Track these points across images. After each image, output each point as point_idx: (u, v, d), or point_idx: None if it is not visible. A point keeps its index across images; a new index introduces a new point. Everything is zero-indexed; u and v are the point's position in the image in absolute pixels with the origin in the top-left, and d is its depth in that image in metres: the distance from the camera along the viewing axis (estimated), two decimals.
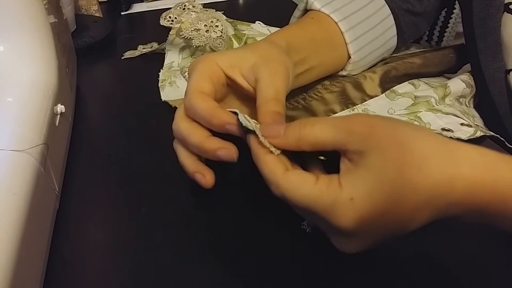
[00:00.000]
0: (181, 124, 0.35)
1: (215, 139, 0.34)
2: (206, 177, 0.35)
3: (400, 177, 0.26)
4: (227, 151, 0.33)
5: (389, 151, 0.27)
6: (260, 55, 0.37)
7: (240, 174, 0.32)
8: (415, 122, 0.44)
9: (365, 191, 0.27)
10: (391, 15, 0.51)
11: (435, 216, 0.28)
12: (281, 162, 0.30)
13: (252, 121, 0.32)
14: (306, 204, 0.28)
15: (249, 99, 0.37)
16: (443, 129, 0.43)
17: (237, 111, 0.32)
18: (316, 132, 0.29)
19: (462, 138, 0.42)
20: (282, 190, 0.29)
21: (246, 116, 0.32)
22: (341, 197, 0.27)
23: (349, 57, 0.48)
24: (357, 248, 0.29)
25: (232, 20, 0.71)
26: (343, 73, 0.50)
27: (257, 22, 0.71)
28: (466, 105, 0.51)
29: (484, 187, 0.27)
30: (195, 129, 0.34)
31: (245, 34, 0.67)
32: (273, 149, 0.30)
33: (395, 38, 0.52)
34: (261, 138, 0.30)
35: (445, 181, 0.26)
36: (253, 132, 0.30)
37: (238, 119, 0.32)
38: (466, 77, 0.51)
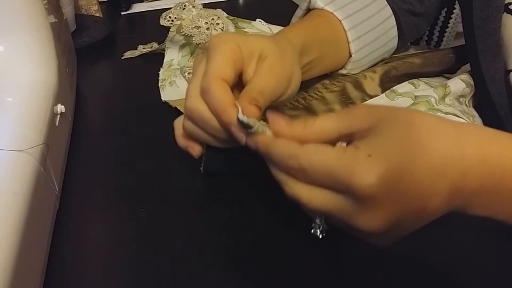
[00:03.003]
0: (200, 106, 0.33)
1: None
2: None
3: (410, 139, 0.27)
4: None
5: (396, 123, 0.27)
6: (273, 52, 0.36)
7: (253, 164, 0.32)
8: None
9: (380, 148, 0.27)
10: (393, 16, 0.51)
11: (453, 193, 0.27)
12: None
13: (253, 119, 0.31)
14: (327, 169, 0.27)
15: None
16: None
17: (239, 106, 0.31)
18: (319, 122, 0.29)
19: None
20: (301, 159, 0.28)
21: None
22: (359, 155, 0.27)
23: (350, 56, 0.48)
24: (381, 224, 0.27)
25: (233, 17, 0.70)
26: (343, 71, 0.50)
27: (258, 20, 0.71)
28: (466, 105, 0.51)
29: (493, 158, 0.27)
30: None
31: (247, 31, 0.67)
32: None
33: (396, 39, 0.52)
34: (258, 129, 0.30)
35: (456, 147, 0.27)
36: (251, 127, 0.30)
37: (237, 115, 0.31)
38: (466, 77, 0.51)
